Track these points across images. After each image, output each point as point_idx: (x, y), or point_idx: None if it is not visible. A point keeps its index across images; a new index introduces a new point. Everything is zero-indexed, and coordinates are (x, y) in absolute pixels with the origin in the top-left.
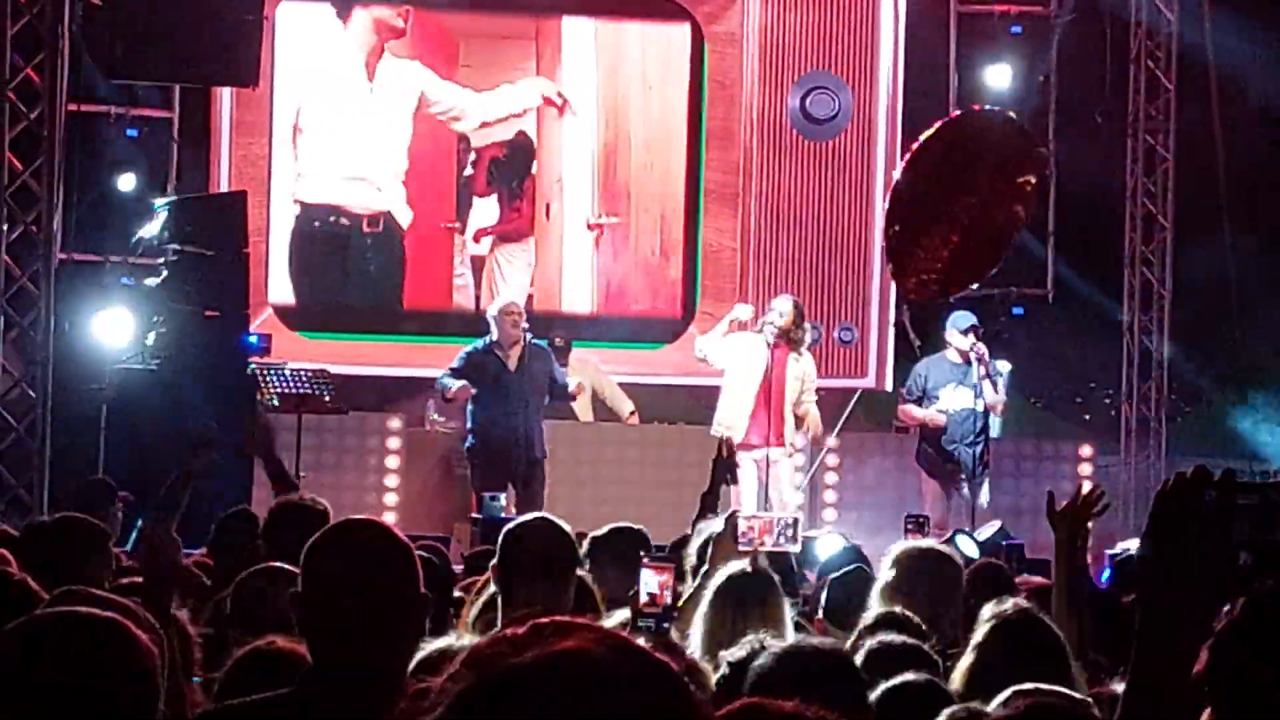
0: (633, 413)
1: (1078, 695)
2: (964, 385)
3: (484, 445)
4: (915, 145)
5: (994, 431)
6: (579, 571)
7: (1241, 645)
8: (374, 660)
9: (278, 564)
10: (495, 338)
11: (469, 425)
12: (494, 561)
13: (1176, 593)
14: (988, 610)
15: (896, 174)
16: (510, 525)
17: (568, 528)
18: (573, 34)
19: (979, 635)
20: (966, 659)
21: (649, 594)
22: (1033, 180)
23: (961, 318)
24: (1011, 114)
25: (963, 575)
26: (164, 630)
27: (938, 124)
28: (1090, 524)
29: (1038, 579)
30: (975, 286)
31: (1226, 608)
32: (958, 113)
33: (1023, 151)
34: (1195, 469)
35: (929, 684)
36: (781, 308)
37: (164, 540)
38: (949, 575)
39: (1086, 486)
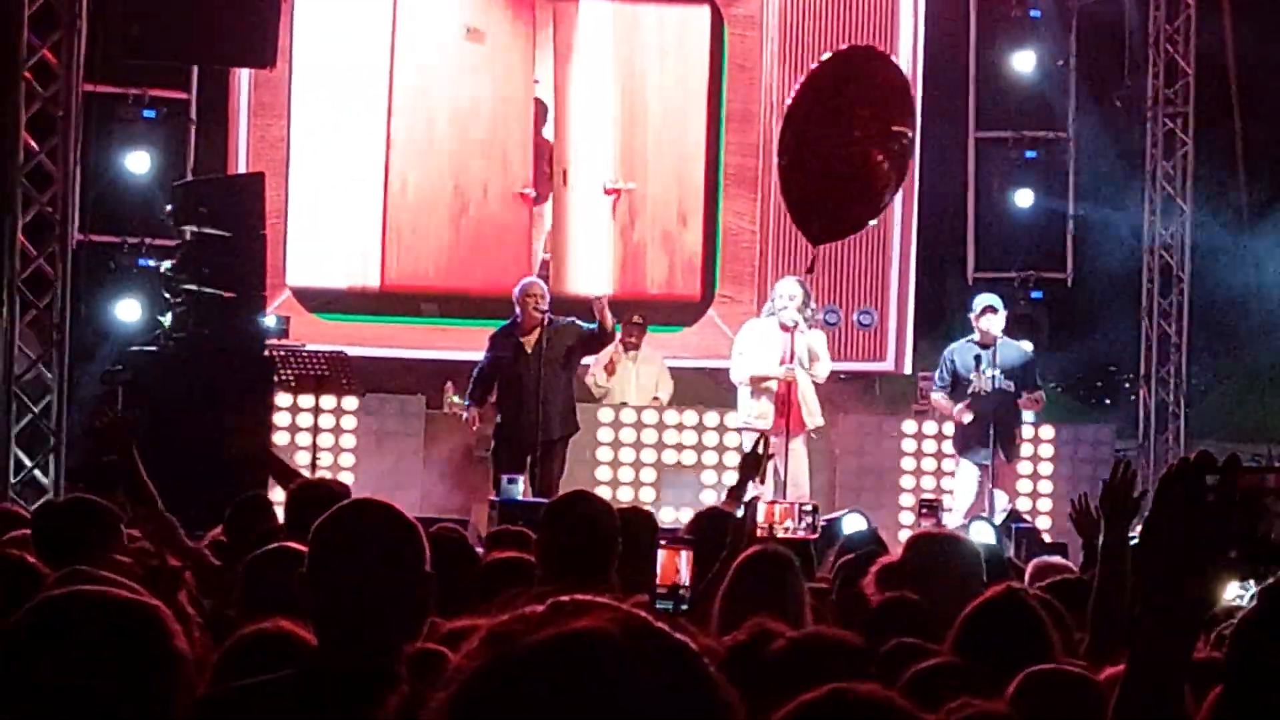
0: (655, 399)
1: (1088, 673)
2: (993, 366)
3: (506, 426)
4: (810, 71)
5: (1027, 418)
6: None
7: (1261, 631)
8: (379, 641)
9: (291, 544)
10: (519, 319)
11: (496, 406)
12: (536, 537)
13: (1176, 578)
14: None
15: (789, 99)
16: (553, 500)
17: (610, 505)
18: (589, 14)
19: (964, 615)
20: (950, 639)
21: (666, 575)
22: (908, 135)
23: (978, 300)
24: (900, 65)
25: (981, 565)
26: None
27: (830, 54)
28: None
29: (1056, 559)
30: (873, 223)
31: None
32: (848, 46)
33: (904, 102)
34: (1199, 454)
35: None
36: (791, 289)
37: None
38: (969, 565)
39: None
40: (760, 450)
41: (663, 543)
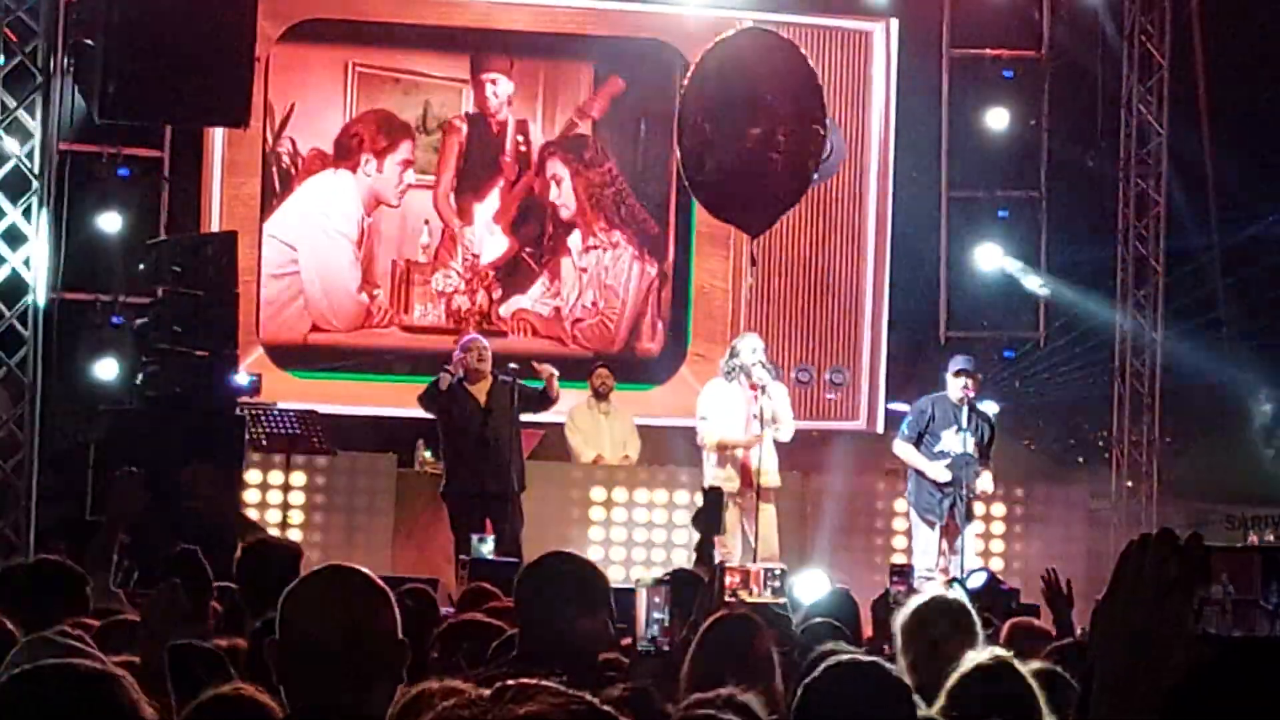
0: (625, 456)
1: None
2: (966, 430)
3: (458, 481)
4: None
5: (987, 486)
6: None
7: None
8: (350, 708)
9: None
10: (462, 376)
11: (445, 463)
12: (514, 597)
13: (1130, 663)
14: (968, 657)
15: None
16: (532, 561)
17: (595, 563)
18: (562, 75)
19: (951, 681)
20: (938, 704)
21: (653, 619)
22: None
23: (954, 361)
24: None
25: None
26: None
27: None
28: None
29: (1033, 620)
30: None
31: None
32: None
33: (817, 97)
34: (1160, 532)
35: None
36: (755, 344)
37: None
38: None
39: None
40: (712, 503)
41: (644, 586)
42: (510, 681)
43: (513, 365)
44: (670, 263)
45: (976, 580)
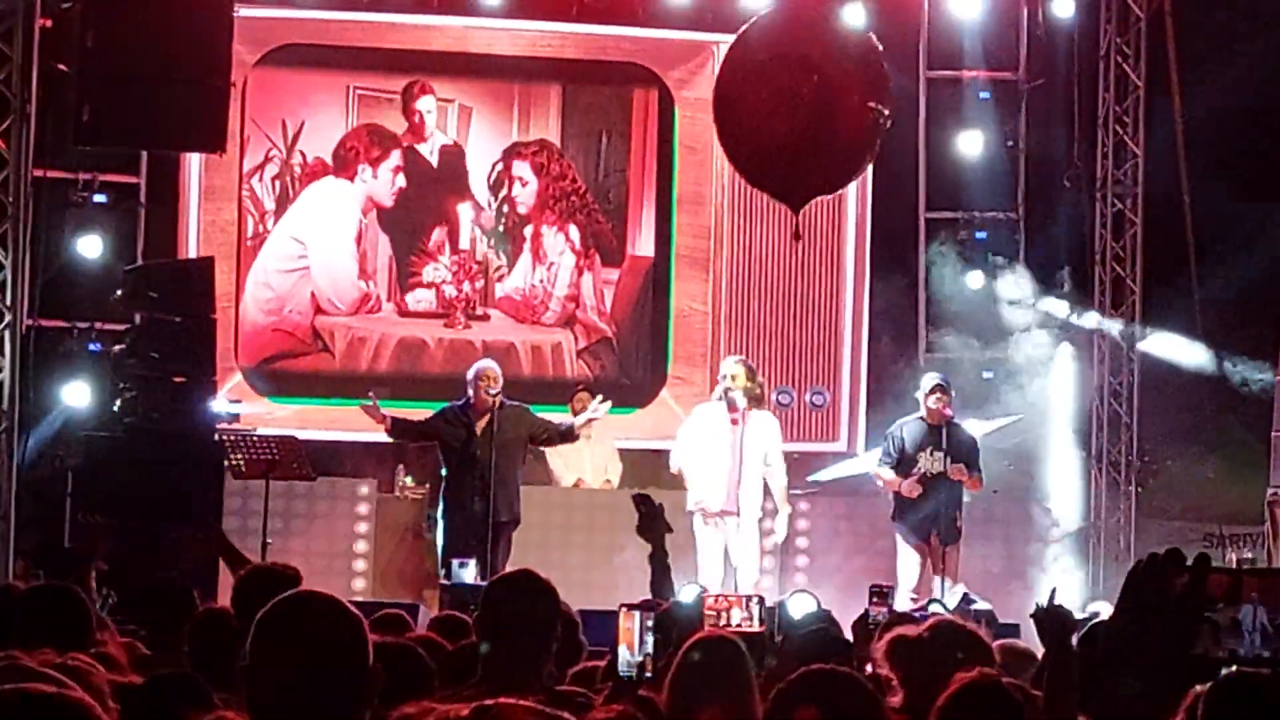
0: (606, 480)
1: None
2: (939, 449)
3: (450, 510)
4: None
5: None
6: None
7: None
8: None
9: None
10: (471, 401)
11: (444, 489)
12: (475, 616)
13: (1138, 678)
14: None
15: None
16: (493, 579)
17: (550, 583)
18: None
19: (941, 700)
20: None
21: (628, 641)
22: (885, 112)
23: (926, 379)
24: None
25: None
26: None
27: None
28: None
29: (1021, 642)
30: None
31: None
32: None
33: (880, 79)
34: (1168, 551)
35: None
36: (731, 370)
37: None
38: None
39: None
40: (643, 510)
41: (623, 606)
42: (489, 701)
43: (580, 387)
44: (644, 282)
45: (951, 599)
